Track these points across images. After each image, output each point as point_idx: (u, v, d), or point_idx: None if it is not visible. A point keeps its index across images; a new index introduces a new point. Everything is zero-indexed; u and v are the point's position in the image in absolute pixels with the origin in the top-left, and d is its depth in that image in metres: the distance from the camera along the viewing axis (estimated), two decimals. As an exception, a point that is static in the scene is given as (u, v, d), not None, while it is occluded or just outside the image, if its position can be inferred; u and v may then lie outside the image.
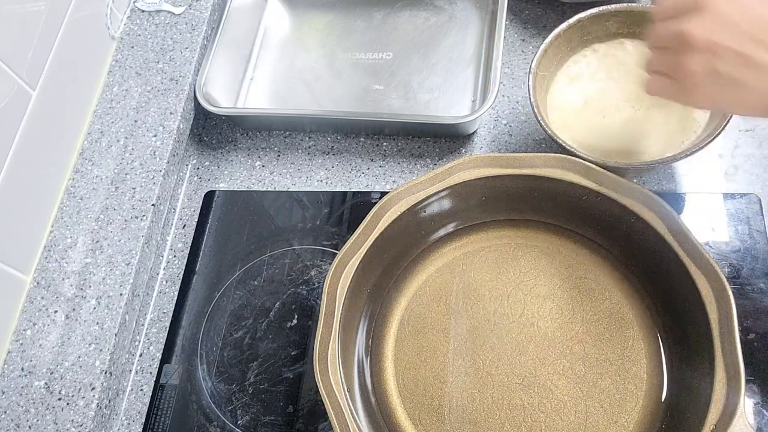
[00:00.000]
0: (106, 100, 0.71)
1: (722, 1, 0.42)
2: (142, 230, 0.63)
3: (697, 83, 0.43)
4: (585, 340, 0.56)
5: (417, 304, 0.60)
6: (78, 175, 0.67)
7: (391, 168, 0.70)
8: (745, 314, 0.56)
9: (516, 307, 0.58)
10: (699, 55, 0.42)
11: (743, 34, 0.40)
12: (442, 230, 0.61)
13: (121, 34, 0.75)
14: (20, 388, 0.57)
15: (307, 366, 0.61)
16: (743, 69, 0.41)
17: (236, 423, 0.59)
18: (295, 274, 0.65)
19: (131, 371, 0.63)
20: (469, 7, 0.76)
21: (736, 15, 0.41)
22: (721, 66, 0.41)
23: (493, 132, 0.70)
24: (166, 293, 0.67)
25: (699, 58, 0.42)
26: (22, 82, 0.59)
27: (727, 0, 0.42)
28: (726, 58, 0.41)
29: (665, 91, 0.47)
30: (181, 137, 0.69)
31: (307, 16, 0.81)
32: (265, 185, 0.71)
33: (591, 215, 0.57)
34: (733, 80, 0.41)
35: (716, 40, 0.41)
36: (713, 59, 0.41)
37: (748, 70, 0.41)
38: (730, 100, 0.44)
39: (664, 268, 0.53)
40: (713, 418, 0.46)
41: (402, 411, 0.55)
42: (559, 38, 0.62)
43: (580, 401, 0.54)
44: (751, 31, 0.40)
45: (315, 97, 0.74)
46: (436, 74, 0.73)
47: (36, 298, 0.61)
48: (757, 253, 0.59)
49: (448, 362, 0.57)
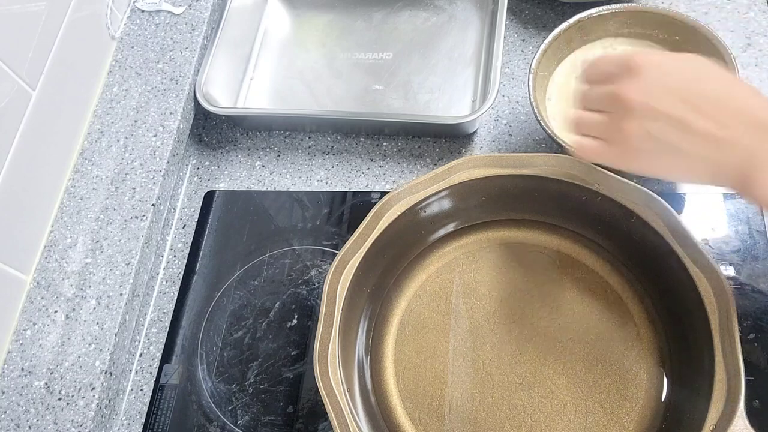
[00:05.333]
0: (106, 100, 0.71)
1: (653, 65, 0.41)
2: (142, 230, 0.63)
3: (635, 147, 0.42)
4: (585, 340, 0.56)
5: (417, 304, 0.60)
6: (78, 175, 0.67)
7: (391, 168, 0.70)
8: (745, 314, 0.56)
9: (516, 307, 0.58)
10: (636, 117, 0.41)
11: (677, 98, 0.40)
12: (442, 230, 0.61)
13: (121, 34, 0.75)
14: (20, 388, 0.57)
15: (307, 366, 0.61)
16: (681, 134, 0.40)
17: (236, 423, 0.59)
18: (295, 274, 0.65)
19: (131, 371, 0.63)
20: (469, 7, 0.76)
21: (669, 79, 0.41)
22: (657, 131, 0.41)
23: (493, 132, 0.70)
24: (166, 293, 0.67)
25: (635, 120, 0.41)
26: (22, 82, 0.59)
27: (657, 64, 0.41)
28: (662, 123, 0.40)
29: (600, 153, 0.45)
30: (181, 137, 0.69)
31: (307, 16, 0.81)
32: (265, 185, 0.71)
33: (591, 215, 0.57)
34: (670, 147, 0.41)
35: (653, 105, 0.40)
36: (649, 123, 0.41)
37: (686, 136, 0.40)
38: (670, 167, 0.43)
39: (664, 268, 0.53)
40: (713, 418, 0.46)
41: (402, 411, 0.55)
42: (559, 38, 0.62)
43: (580, 401, 0.54)
44: (684, 95, 0.40)
45: (315, 97, 0.74)
46: (436, 74, 0.73)
47: (36, 298, 0.61)
48: (757, 253, 0.59)
49: (448, 362, 0.57)
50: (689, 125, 0.40)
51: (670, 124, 0.40)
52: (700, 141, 0.40)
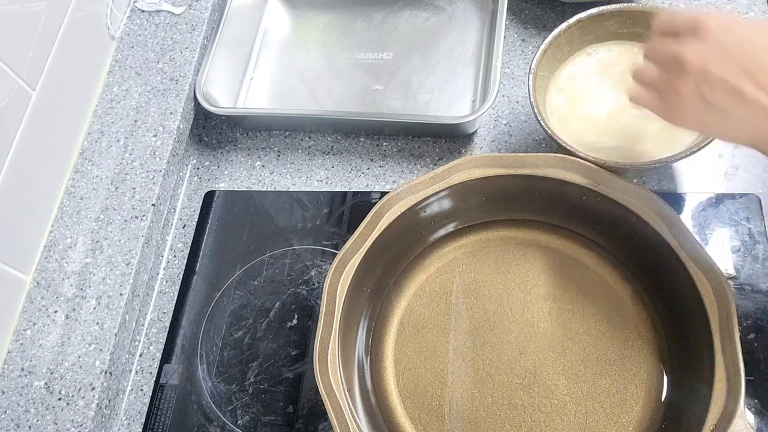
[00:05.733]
0: (106, 100, 0.71)
1: (721, 29, 0.42)
2: (142, 230, 0.63)
3: (685, 106, 0.44)
4: (585, 340, 0.56)
5: (417, 304, 0.60)
6: (78, 175, 0.67)
7: (391, 168, 0.70)
8: (745, 314, 0.56)
9: (516, 307, 0.58)
10: (691, 79, 0.43)
11: (736, 66, 0.41)
12: (442, 230, 0.61)
13: (121, 34, 0.75)
14: (20, 388, 0.57)
15: (307, 366, 0.61)
16: (731, 100, 0.41)
17: (236, 423, 0.59)
18: (295, 274, 0.65)
19: (131, 371, 0.63)
20: (469, 7, 0.76)
21: (733, 46, 0.42)
22: (710, 94, 0.42)
23: (493, 132, 0.70)
24: (166, 293, 0.67)
25: (691, 82, 0.43)
26: (22, 82, 0.59)
27: (725, 29, 0.42)
28: (716, 87, 0.42)
29: (651, 105, 0.47)
30: (181, 137, 0.69)
31: (307, 16, 0.81)
32: (265, 185, 0.71)
33: (591, 215, 0.57)
34: (719, 109, 0.42)
35: (710, 69, 0.42)
36: (704, 86, 0.42)
37: (736, 102, 0.41)
38: (714, 127, 0.45)
39: (664, 268, 0.53)
40: (713, 418, 0.46)
41: (402, 411, 0.55)
42: (559, 38, 0.62)
43: (580, 401, 0.54)
44: (744, 64, 0.41)
45: (315, 97, 0.74)
46: (436, 74, 0.73)
47: (36, 298, 0.61)
48: (757, 253, 0.59)
49: (448, 362, 0.57)
50: (742, 93, 0.41)
51: (724, 90, 0.41)
52: (750, 109, 0.41)
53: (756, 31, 0.43)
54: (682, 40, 0.44)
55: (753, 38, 0.42)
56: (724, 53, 0.42)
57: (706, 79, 0.42)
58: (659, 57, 0.46)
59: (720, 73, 0.41)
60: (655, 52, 0.47)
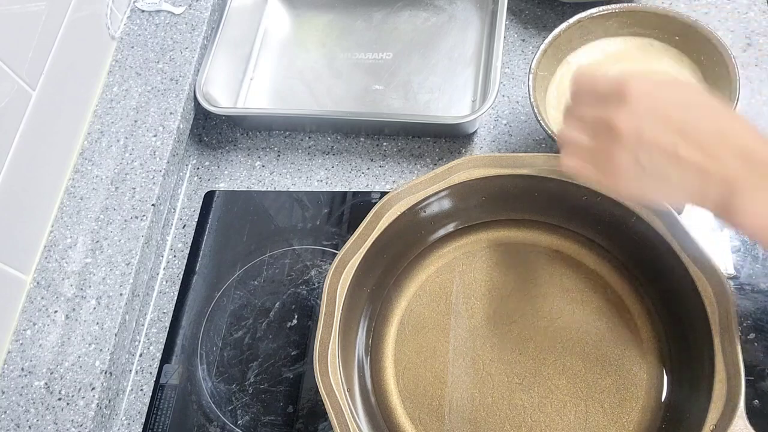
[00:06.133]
0: (106, 100, 0.71)
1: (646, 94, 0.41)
2: (142, 230, 0.63)
3: (624, 176, 0.42)
4: (585, 340, 0.56)
5: (417, 304, 0.60)
6: (78, 175, 0.67)
7: (391, 168, 0.70)
8: (745, 314, 0.56)
9: (516, 307, 0.58)
10: (625, 147, 0.41)
11: (669, 128, 0.40)
12: (442, 230, 0.61)
13: (121, 34, 0.75)
14: (20, 388, 0.57)
15: (307, 366, 0.61)
16: (668, 164, 0.40)
17: (236, 423, 0.59)
18: (295, 274, 0.65)
19: (131, 371, 0.63)
20: (469, 7, 0.76)
21: (663, 109, 0.40)
22: (647, 160, 0.40)
23: (493, 132, 0.70)
24: (166, 293, 0.67)
25: (625, 150, 0.41)
26: (22, 82, 0.59)
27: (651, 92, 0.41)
28: (653, 153, 0.40)
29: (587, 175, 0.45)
30: (181, 137, 0.69)
31: (307, 16, 0.81)
32: (265, 185, 0.71)
33: (591, 215, 0.57)
34: (657, 175, 0.41)
35: (643, 134, 0.40)
36: (639, 153, 0.40)
37: (674, 167, 0.40)
38: (655, 193, 0.43)
39: (664, 268, 0.53)
40: (713, 418, 0.46)
41: (402, 411, 0.55)
42: (559, 38, 0.62)
43: (580, 401, 0.54)
44: (676, 124, 0.39)
45: (315, 97, 0.74)
46: (436, 74, 0.73)
47: (36, 298, 0.61)
48: (757, 253, 0.59)
49: (448, 362, 0.57)
50: (678, 155, 0.39)
51: (659, 154, 0.40)
52: (687, 170, 0.39)
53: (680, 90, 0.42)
54: (608, 105, 0.42)
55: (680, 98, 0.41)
56: (656, 116, 0.40)
57: (641, 146, 0.40)
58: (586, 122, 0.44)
59: (654, 137, 0.40)
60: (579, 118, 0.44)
